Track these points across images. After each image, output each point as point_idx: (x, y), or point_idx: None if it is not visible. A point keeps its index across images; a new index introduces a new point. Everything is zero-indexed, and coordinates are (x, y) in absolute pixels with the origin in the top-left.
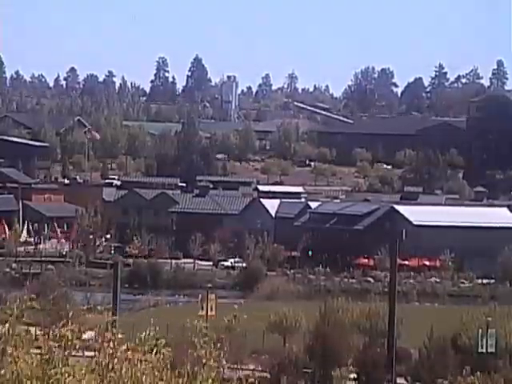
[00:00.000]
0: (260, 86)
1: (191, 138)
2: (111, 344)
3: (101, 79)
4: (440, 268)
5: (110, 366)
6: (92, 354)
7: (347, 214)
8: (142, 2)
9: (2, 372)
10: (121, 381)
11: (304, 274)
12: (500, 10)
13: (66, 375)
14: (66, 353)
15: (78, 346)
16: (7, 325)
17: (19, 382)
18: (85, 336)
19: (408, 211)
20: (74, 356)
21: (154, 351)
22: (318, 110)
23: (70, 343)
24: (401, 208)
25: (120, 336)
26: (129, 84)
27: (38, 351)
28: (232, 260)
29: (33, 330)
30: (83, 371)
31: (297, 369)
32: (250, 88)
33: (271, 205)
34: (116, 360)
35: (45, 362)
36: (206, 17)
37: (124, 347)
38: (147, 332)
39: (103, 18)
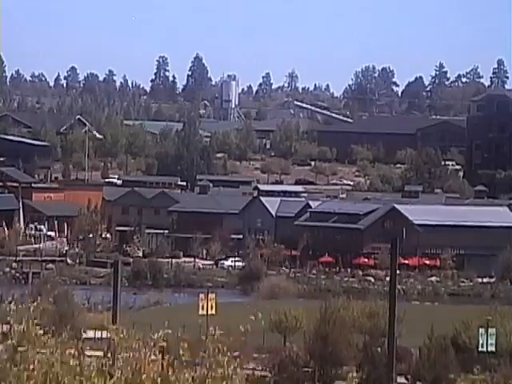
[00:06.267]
0: (260, 85)
1: (191, 137)
2: (120, 343)
3: (101, 78)
4: (440, 267)
5: (119, 367)
6: (95, 353)
7: (347, 213)
8: (143, 1)
9: (16, 370)
10: (129, 382)
11: (304, 273)
12: (500, 9)
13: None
14: (76, 353)
15: (83, 346)
16: (22, 325)
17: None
18: (85, 335)
19: (408, 210)
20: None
21: (164, 352)
22: (318, 109)
23: (81, 344)
24: (401, 207)
25: (124, 335)
26: (129, 83)
27: (46, 350)
28: (232, 259)
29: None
30: (93, 371)
31: (297, 368)
32: (250, 87)
33: (271, 204)
34: (125, 361)
35: (55, 361)
36: (207, 16)
37: (133, 347)
38: (158, 333)
39: (104, 17)
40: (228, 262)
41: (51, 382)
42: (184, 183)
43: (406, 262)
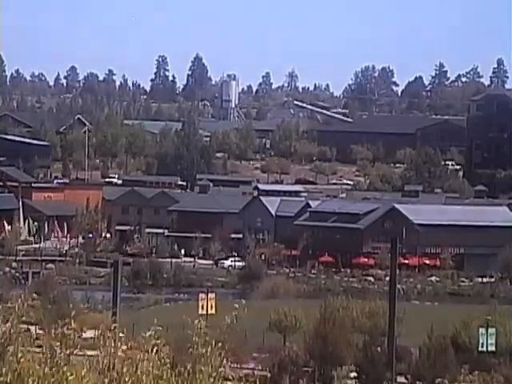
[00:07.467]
0: (260, 84)
1: (191, 137)
2: (113, 343)
3: (101, 78)
4: (440, 267)
5: (112, 366)
6: (93, 353)
7: (347, 213)
8: (143, 1)
9: (4, 370)
10: (122, 380)
11: (304, 273)
12: (500, 9)
13: (68, 374)
14: (68, 352)
15: (79, 345)
16: (8, 324)
17: (21, 380)
18: (85, 335)
19: (408, 210)
20: (76, 355)
21: (155, 350)
22: (318, 109)
23: (71, 342)
24: (401, 207)
25: (121, 335)
26: (129, 83)
27: (39, 350)
28: (232, 259)
29: (32, 328)
30: (85, 370)
31: (297, 368)
32: (250, 87)
33: (271, 203)
34: (117, 359)
35: (47, 361)
36: (207, 15)
37: (125, 347)
38: (149, 331)
39: (104, 16)
40: (228, 262)
41: (42, 381)
42: (184, 183)
43: (406, 261)
